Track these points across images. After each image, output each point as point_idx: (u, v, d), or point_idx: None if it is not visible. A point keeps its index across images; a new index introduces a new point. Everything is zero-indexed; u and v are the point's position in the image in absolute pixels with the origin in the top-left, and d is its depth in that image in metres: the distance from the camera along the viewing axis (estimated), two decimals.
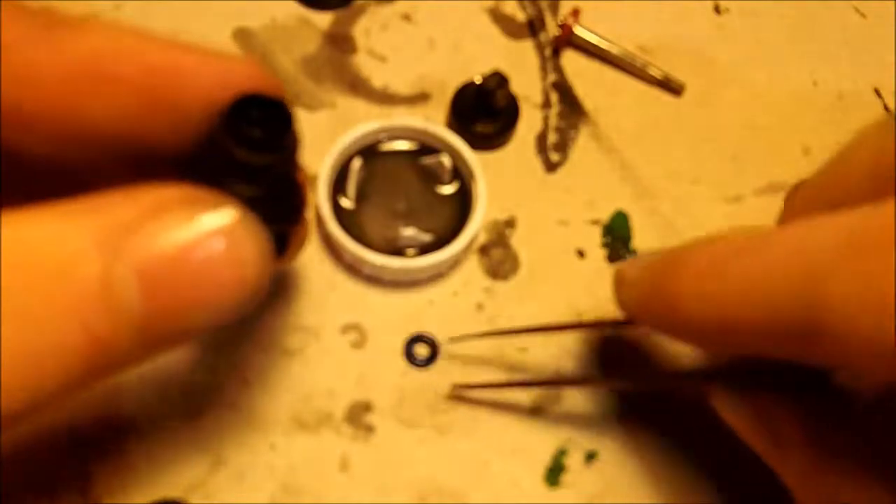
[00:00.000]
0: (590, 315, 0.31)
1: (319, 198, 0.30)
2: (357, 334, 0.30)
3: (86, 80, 0.18)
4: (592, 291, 0.31)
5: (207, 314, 0.17)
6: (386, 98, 0.34)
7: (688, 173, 0.34)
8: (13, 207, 0.16)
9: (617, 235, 0.32)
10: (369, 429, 0.28)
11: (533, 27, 0.36)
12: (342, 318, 0.30)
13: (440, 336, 0.30)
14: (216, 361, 0.29)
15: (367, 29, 0.36)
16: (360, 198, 0.31)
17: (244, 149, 0.18)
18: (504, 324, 0.30)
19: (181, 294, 0.16)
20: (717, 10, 0.38)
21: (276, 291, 0.30)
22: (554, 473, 0.28)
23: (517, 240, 0.32)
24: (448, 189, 0.31)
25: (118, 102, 0.18)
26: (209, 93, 0.19)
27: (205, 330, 0.17)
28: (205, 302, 0.17)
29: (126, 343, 0.16)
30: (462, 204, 0.31)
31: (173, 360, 0.29)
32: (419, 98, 0.34)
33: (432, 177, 0.31)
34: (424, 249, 0.30)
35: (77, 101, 0.18)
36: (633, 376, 0.29)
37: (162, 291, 0.16)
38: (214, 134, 0.19)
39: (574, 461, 0.28)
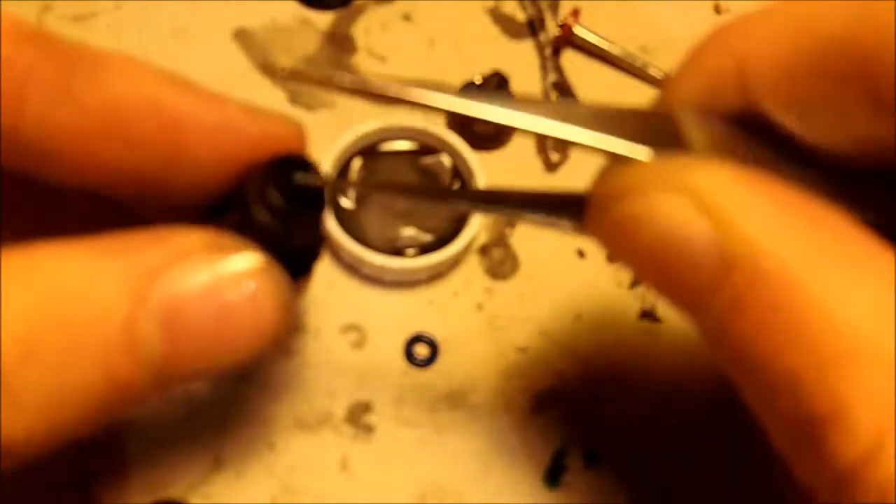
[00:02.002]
0: (590, 315, 0.31)
1: None
2: (357, 334, 0.30)
3: (101, 133, 0.18)
4: (592, 291, 0.31)
5: (226, 358, 0.17)
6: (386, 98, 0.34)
7: None
8: (38, 229, 0.16)
9: None
10: (369, 429, 0.28)
11: (533, 27, 0.36)
12: (342, 318, 0.30)
13: (440, 336, 0.30)
14: None
15: (367, 29, 0.36)
16: (361, 198, 0.31)
17: (268, 214, 0.18)
18: (504, 324, 0.30)
19: (201, 338, 0.17)
20: (717, 9, 0.38)
21: None
22: (554, 473, 0.28)
23: (517, 240, 0.32)
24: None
25: (134, 154, 0.18)
26: (236, 150, 0.19)
27: (223, 371, 0.18)
28: (224, 346, 0.17)
29: (144, 384, 0.16)
30: None
31: None
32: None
33: (432, 177, 0.31)
34: (424, 249, 0.30)
35: (97, 152, 0.18)
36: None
37: (183, 335, 0.16)
38: (240, 191, 0.19)
39: (574, 461, 0.28)
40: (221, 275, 0.17)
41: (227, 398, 0.28)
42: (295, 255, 0.19)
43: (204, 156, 0.19)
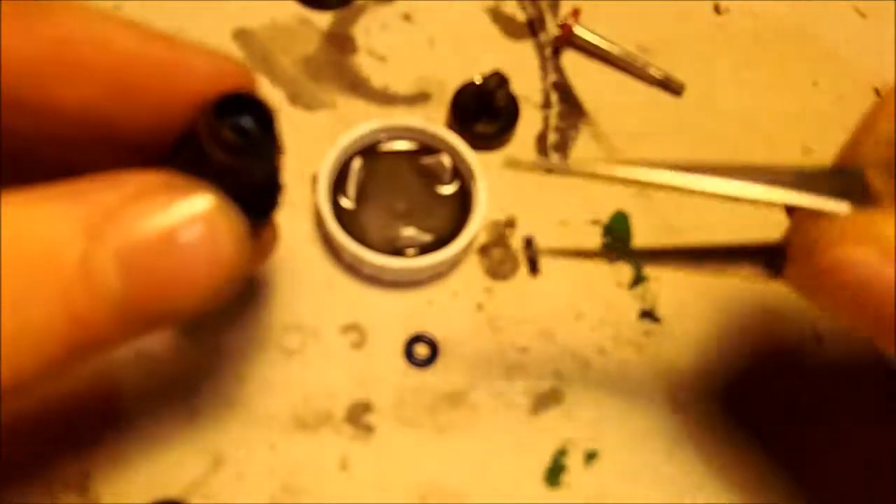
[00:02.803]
0: (590, 315, 0.31)
1: (319, 198, 0.30)
2: (357, 334, 0.30)
3: (55, 66, 0.18)
4: (592, 291, 0.31)
5: (185, 297, 0.17)
6: (386, 98, 0.34)
7: None
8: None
9: (617, 235, 0.32)
10: (369, 429, 0.28)
11: (533, 27, 0.36)
12: (342, 318, 0.30)
13: (440, 336, 0.30)
14: (216, 361, 0.29)
15: (367, 29, 0.36)
16: (360, 198, 0.31)
17: (221, 152, 0.18)
18: (504, 324, 0.30)
19: (160, 276, 0.17)
20: (717, 9, 0.38)
21: (277, 290, 0.30)
22: (554, 473, 0.28)
23: (517, 240, 0.32)
24: (448, 189, 0.31)
25: (87, 89, 0.18)
26: (185, 88, 0.19)
27: (184, 314, 0.18)
28: (182, 284, 0.17)
29: (106, 324, 0.17)
30: (462, 204, 0.31)
31: (173, 359, 0.29)
32: (419, 98, 0.34)
33: (432, 177, 0.31)
34: (424, 249, 0.30)
35: (47, 85, 0.18)
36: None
37: (141, 274, 0.17)
38: (193, 131, 0.19)
39: (574, 461, 0.28)
40: (177, 214, 0.17)
41: (227, 398, 0.28)
42: (251, 193, 0.19)
43: (155, 92, 0.19)
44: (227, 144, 0.18)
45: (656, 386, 0.30)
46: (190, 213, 0.17)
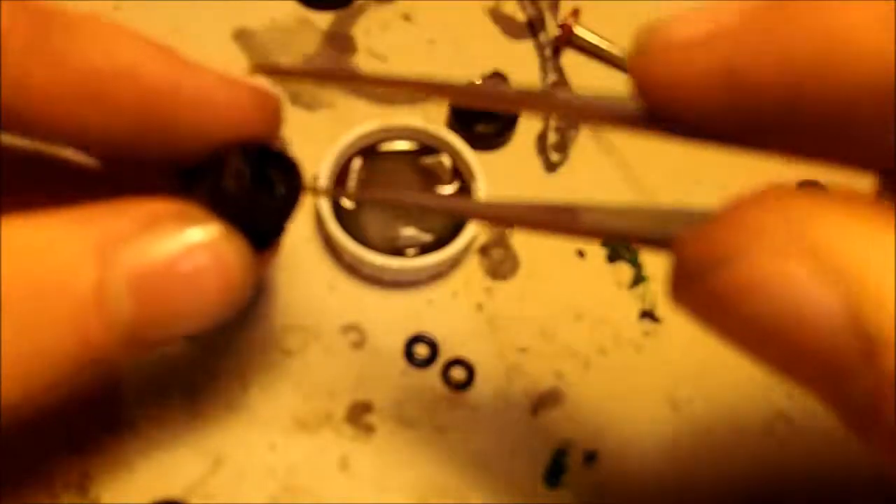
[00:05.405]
0: (590, 315, 0.31)
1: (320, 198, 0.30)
2: (357, 334, 0.30)
3: (81, 98, 0.18)
4: (592, 291, 0.31)
5: (193, 320, 0.18)
6: (386, 98, 0.34)
7: (688, 173, 0.34)
8: (15, 210, 0.16)
9: None
10: (369, 429, 0.28)
11: (533, 27, 0.36)
12: (342, 318, 0.30)
13: (440, 336, 0.30)
14: (216, 362, 0.29)
15: (367, 29, 0.36)
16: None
17: (240, 192, 0.19)
18: (504, 324, 0.30)
19: (169, 302, 0.17)
20: None
21: (276, 291, 0.30)
22: (554, 473, 0.28)
23: (517, 240, 0.32)
24: (448, 189, 0.31)
25: (111, 119, 0.18)
26: (210, 120, 0.19)
27: (190, 334, 0.18)
28: (191, 309, 0.18)
29: (115, 346, 0.17)
30: None
31: (173, 361, 0.29)
32: (419, 98, 0.34)
33: (432, 177, 0.31)
34: (424, 249, 0.30)
35: (72, 114, 0.18)
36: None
37: (151, 299, 0.17)
38: (212, 163, 0.19)
39: (574, 461, 0.28)
40: (187, 241, 0.18)
41: (227, 398, 0.28)
42: (261, 227, 0.20)
43: (179, 123, 0.19)
44: (247, 189, 0.19)
45: (656, 386, 0.30)
46: (198, 240, 0.18)
